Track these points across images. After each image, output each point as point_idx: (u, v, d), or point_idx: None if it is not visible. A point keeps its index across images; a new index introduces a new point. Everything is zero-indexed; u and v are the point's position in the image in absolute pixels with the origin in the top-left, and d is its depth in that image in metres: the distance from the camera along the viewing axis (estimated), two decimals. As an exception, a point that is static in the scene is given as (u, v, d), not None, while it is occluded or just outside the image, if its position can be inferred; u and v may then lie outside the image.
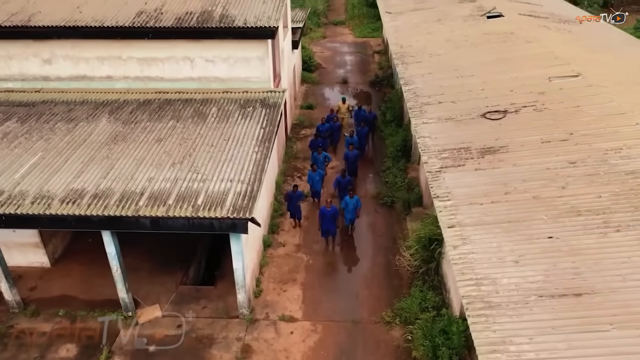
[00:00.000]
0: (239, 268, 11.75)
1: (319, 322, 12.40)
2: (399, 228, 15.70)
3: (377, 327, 12.28)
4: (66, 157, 12.47)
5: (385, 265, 14.23)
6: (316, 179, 16.43)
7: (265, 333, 12.15)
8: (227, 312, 12.61)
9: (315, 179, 16.42)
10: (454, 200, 9.64)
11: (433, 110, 13.64)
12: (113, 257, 11.74)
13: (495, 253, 8.05)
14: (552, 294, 7.06)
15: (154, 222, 10.80)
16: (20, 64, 15.69)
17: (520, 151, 10.64)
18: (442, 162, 11.01)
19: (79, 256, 14.58)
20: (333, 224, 14.49)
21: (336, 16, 40.71)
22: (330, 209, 14.28)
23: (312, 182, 16.42)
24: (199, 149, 12.77)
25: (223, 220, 10.63)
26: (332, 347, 11.75)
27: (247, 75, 15.57)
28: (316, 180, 16.45)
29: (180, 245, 14.72)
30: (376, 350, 11.66)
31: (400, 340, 11.86)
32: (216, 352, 11.59)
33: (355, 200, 14.98)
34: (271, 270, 14.10)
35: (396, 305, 12.65)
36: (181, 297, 13.18)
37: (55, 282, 13.64)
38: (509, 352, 6.41)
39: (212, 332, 12.14)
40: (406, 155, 18.89)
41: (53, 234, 14.29)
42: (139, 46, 15.21)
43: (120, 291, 12.25)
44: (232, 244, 11.44)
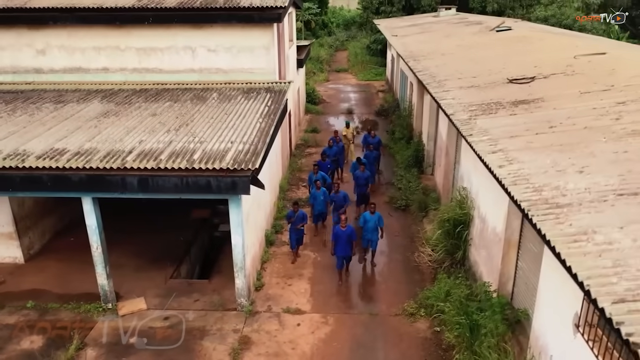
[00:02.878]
0: (238, 244, 10.16)
1: (330, 314, 10.61)
2: (416, 229, 14.14)
3: (399, 319, 10.46)
4: (49, 127, 11.27)
5: (403, 261, 12.57)
6: (320, 199, 13.89)
7: (267, 325, 10.32)
8: (223, 305, 10.83)
9: (319, 198, 13.88)
10: (491, 136, 8.31)
11: (453, 83, 12.60)
12: (93, 232, 10.18)
13: (551, 167, 6.65)
14: (635, 192, 5.61)
15: (143, 182, 9.38)
16: (12, 55, 14.88)
17: (558, 100, 9.46)
18: (471, 113, 9.80)
19: (57, 254, 12.95)
20: (349, 249, 11.60)
21: (339, 65, 41.07)
22: (346, 228, 11.43)
23: (315, 201, 13.89)
24: (197, 120, 11.60)
25: (222, 177, 9.22)
26: (346, 340, 9.89)
27: (251, 66, 14.71)
28: (320, 200, 13.92)
29: (171, 245, 13.13)
30: (399, 342, 9.79)
31: (427, 332, 10.02)
32: (209, 344, 9.72)
33: (377, 218, 12.17)
34: (274, 266, 12.41)
35: (420, 295, 10.90)
36: (170, 291, 11.41)
37: (27, 278, 11.91)
38: (596, 241, 4.89)
39: (204, 324, 10.31)
40: (418, 165, 17.68)
41: (30, 226, 12.73)
42: (138, 35, 14.49)
43: (100, 276, 10.54)
44: (232, 213, 9.95)
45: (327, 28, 52.27)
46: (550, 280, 6.98)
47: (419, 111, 19.80)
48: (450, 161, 14.37)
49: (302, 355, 9.46)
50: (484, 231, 10.34)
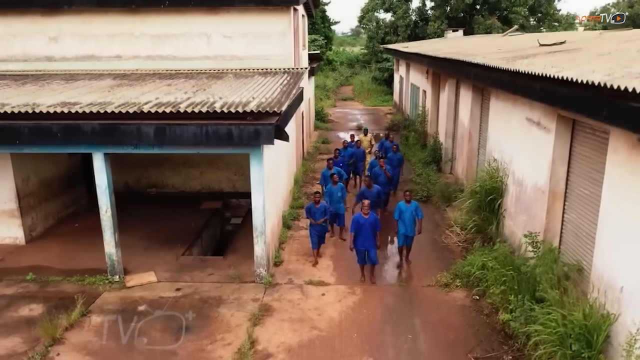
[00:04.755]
0: (258, 206, 9.43)
1: (357, 286, 9.73)
2: (440, 217, 13.38)
3: (433, 290, 9.58)
4: (61, 91, 10.79)
5: (430, 243, 11.73)
6: (337, 196, 11.74)
7: (289, 294, 9.43)
8: (240, 278, 9.97)
9: (335, 194, 11.73)
10: (536, 68, 7.77)
11: (479, 53, 12.18)
12: (103, 192, 9.47)
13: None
14: None
15: (159, 132, 8.78)
16: (24, 43, 14.60)
17: (599, 47, 9.01)
18: (505, 60, 9.30)
19: (61, 237, 12.16)
20: (372, 241, 9.64)
21: (345, 95, 41.27)
22: (369, 216, 9.64)
23: (331, 199, 11.70)
24: (215, 87, 11.13)
25: (244, 126, 8.63)
26: (377, 307, 8.99)
27: (267, 53, 14.39)
28: (337, 197, 11.74)
29: (182, 229, 12.40)
30: (435, 309, 8.89)
31: (465, 300, 9.14)
32: (226, 311, 8.81)
33: (414, 208, 10.38)
34: (292, 246, 11.58)
35: (454, 266, 10.06)
36: (182, 267, 10.58)
37: (28, 256, 11.08)
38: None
39: (220, 294, 9.44)
40: (436, 164, 17.11)
41: (34, 206, 12.01)
42: (153, 20, 14.26)
43: (108, 243, 9.74)
44: (253, 170, 9.28)
45: (332, 64, 53.05)
46: (615, 206, 6.30)
47: (433, 116, 19.49)
48: (474, 147, 13.83)
49: (329, 320, 8.55)
50: (522, 194, 9.65)
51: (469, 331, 8.17)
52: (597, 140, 7.38)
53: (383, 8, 40.27)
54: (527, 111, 9.38)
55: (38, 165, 12.14)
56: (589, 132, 7.69)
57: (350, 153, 15.54)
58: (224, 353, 7.59)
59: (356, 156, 15.60)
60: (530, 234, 8.23)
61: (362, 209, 9.75)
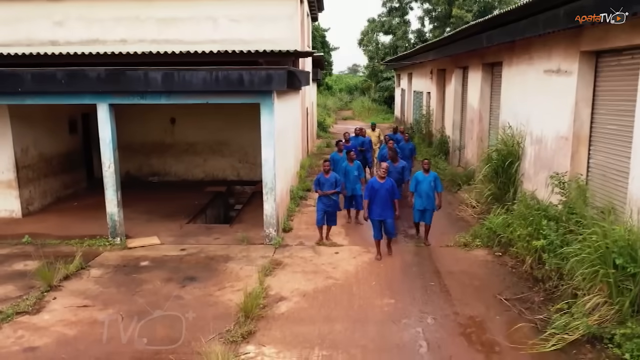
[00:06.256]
0: (268, 159, 9.04)
1: (371, 246, 9.19)
2: (452, 197, 12.97)
3: (451, 249, 9.09)
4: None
5: (445, 216, 11.20)
6: (354, 175, 10.44)
7: (301, 253, 8.93)
8: (248, 240, 9.46)
9: (351, 173, 10.43)
10: None
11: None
12: (107, 146, 9.09)
13: None
14: None
15: (167, 77, 8.51)
16: (28, 27, 14.47)
17: None
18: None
19: (59, 212, 11.67)
20: (390, 209, 8.42)
21: (345, 115, 41.34)
22: (385, 181, 8.40)
23: (347, 179, 10.34)
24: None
25: (257, 71, 8.36)
26: (395, 261, 8.49)
27: (274, 36, 14.21)
28: (354, 177, 10.42)
29: (186, 206, 11.97)
30: (457, 263, 8.38)
31: (487, 256, 8.64)
32: (234, 266, 8.28)
33: (433, 178, 9.16)
34: (302, 218, 11.10)
35: (473, 228, 9.61)
36: (187, 233, 10.08)
37: (25, 226, 10.55)
38: None
39: (228, 253, 8.92)
40: (444, 155, 16.83)
41: (32, 179, 11.57)
42: (159, 4, 14.22)
43: (110, 202, 9.28)
44: (263, 121, 8.95)
45: (331, 90, 53.45)
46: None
47: (438, 114, 19.40)
48: (484, 127, 13.57)
49: (345, 272, 8.03)
50: (542, 151, 9.31)
51: (495, 279, 7.67)
52: (625, 69, 7.13)
53: (382, 30, 40.84)
54: (544, 63, 9.16)
55: (38, 137, 11.78)
56: (614, 64, 7.44)
57: (361, 141, 14.65)
58: (234, 297, 7.03)
59: (366, 145, 14.76)
60: (557, 174, 7.83)
61: (378, 171, 8.58)
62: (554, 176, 7.85)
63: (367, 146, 14.77)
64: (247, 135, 14.81)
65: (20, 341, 5.92)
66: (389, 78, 39.51)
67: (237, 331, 5.96)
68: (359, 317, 6.47)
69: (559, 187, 7.71)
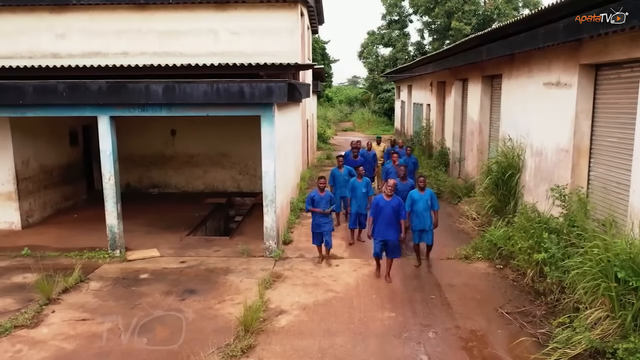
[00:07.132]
0: (269, 171, 9.04)
1: (372, 259, 9.11)
2: (452, 210, 12.96)
3: (452, 262, 9.06)
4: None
5: (445, 229, 11.16)
6: (361, 192, 10.02)
7: (301, 265, 8.88)
8: (248, 253, 9.43)
9: (359, 190, 10.02)
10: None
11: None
12: (107, 158, 9.09)
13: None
14: None
15: (168, 90, 8.54)
16: (30, 40, 14.56)
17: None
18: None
19: (58, 224, 11.64)
20: (394, 229, 8.01)
21: (345, 127, 41.46)
22: (392, 199, 8.02)
23: (353, 195, 10.01)
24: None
25: (257, 83, 8.39)
26: (396, 275, 8.43)
27: (275, 49, 14.27)
28: (361, 194, 10.01)
29: (186, 218, 11.95)
30: (458, 276, 8.35)
31: (488, 269, 8.61)
32: (234, 278, 8.25)
33: (429, 196, 8.77)
34: (302, 230, 11.06)
35: (474, 240, 9.59)
36: (186, 245, 10.05)
37: (25, 238, 10.53)
38: None
39: (228, 265, 8.89)
40: (444, 167, 16.84)
41: (32, 191, 11.56)
42: (160, 17, 14.30)
43: (110, 214, 9.26)
44: (264, 134, 8.96)
45: (331, 102, 53.65)
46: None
47: (438, 126, 19.44)
48: (484, 139, 13.58)
49: (345, 285, 7.99)
50: (542, 163, 9.31)
51: (496, 292, 7.63)
52: (624, 82, 7.15)
53: (382, 43, 41.07)
54: (544, 76, 9.19)
55: (39, 148, 11.80)
56: (613, 77, 7.47)
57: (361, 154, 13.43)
58: (233, 310, 6.98)
59: (365, 159, 13.59)
60: (557, 187, 7.82)
61: (386, 189, 8.12)
62: (555, 188, 7.84)
63: (371, 159, 13.99)
64: (247, 147, 14.85)
65: (19, 355, 5.87)
66: (389, 90, 39.65)
67: (236, 345, 5.92)
68: (359, 330, 6.43)
69: (559, 200, 7.70)
